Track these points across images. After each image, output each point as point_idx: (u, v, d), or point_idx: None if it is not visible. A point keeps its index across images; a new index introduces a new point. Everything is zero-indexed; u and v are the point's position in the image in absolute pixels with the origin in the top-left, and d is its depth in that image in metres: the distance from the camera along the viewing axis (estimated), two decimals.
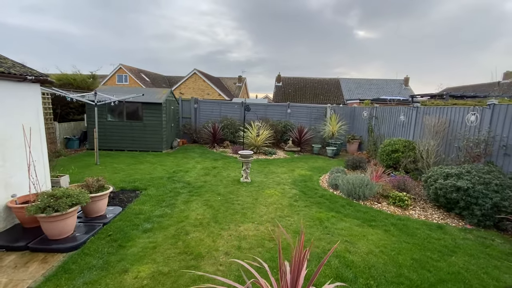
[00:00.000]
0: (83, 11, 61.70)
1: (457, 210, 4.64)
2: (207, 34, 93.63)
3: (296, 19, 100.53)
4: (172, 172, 7.16)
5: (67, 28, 56.30)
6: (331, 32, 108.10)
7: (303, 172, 7.67)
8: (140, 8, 74.16)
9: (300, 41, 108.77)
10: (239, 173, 7.24)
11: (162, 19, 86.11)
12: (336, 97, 29.65)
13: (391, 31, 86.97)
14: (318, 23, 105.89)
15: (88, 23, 62.09)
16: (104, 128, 9.96)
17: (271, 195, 5.65)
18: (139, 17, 74.54)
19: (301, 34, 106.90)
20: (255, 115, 12.37)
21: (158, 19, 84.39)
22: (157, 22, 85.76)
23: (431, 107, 7.27)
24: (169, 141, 10.87)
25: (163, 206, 4.86)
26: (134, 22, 75.73)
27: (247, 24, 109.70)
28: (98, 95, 7.81)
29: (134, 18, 73.25)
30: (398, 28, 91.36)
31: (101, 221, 4.15)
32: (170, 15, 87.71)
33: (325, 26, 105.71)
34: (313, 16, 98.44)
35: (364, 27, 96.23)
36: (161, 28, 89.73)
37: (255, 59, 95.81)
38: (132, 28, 79.38)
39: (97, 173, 6.82)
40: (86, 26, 62.06)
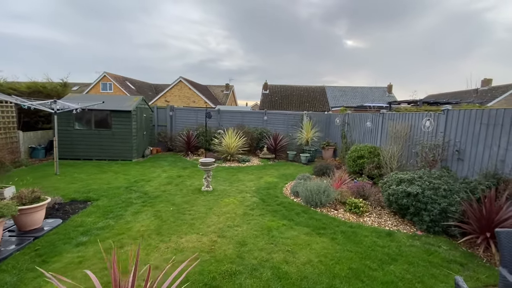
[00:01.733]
0: (70, 19, 61.12)
1: (409, 216, 4.59)
2: (199, 43, 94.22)
3: (286, 28, 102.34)
4: (133, 182, 6.93)
5: (55, 36, 55.57)
6: (320, 41, 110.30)
7: (270, 180, 7.55)
8: (130, 17, 74.09)
9: (290, 50, 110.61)
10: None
11: (152, 28, 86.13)
12: (322, 105, 29.99)
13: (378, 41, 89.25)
14: (308, 32, 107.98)
15: (76, 32, 61.45)
16: (70, 136, 9.66)
17: (228, 204, 5.50)
18: (128, 25, 74.43)
19: (291, 43, 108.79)
20: (231, 122, 12.28)
21: (148, 28, 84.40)
22: (148, 31, 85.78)
23: (396, 113, 7.33)
24: (140, 149, 10.62)
25: (108, 218, 4.64)
26: (124, 31, 75.57)
27: (238, 33, 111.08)
28: (58, 103, 7.57)
29: (124, 26, 73.05)
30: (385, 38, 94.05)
31: (33, 234, 3.90)
32: (161, 24, 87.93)
33: (314, 35, 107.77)
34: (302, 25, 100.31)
35: (352, 36, 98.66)
36: (151, 37, 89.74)
37: (247, 67, 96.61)
38: (122, 37, 79.21)
39: (52, 184, 6.54)
40: (74, 35, 61.43)
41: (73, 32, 62.99)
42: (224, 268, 3.19)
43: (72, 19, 62.37)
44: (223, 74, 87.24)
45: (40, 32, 54.12)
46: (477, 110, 4.69)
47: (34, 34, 52.56)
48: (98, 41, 69.95)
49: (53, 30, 58.65)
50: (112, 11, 68.01)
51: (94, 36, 69.01)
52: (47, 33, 56.41)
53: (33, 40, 49.62)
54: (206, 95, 32.32)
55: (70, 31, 62.68)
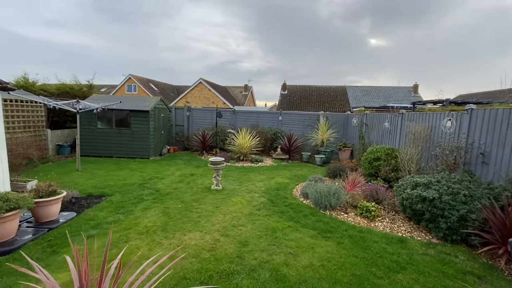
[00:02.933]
0: (99, 25, 65.28)
1: (424, 222, 4.29)
2: (219, 45, 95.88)
3: (306, 29, 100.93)
4: (147, 179, 7.15)
5: (85, 41, 59.62)
6: (342, 40, 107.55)
7: (281, 180, 7.45)
8: (154, 22, 77.31)
9: (310, 50, 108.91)
10: None
11: (175, 31, 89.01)
12: (342, 105, 29.20)
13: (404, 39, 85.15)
14: (328, 31, 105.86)
15: (105, 37, 65.49)
16: (93, 135, 10.20)
17: (236, 203, 5.48)
18: (153, 30, 77.59)
19: (311, 44, 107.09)
20: (246, 122, 12.31)
21: (171, 31, 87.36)
22: (171, 34, 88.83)
23: (415, 114, 6.92)
24: (158, 148, 10.96)
25: (119, 213, 4.81)
26: (148, 35, 78.94)
27: (257, 34, 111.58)
28: (81, 103, 8.02)
29: (148, 31, 76.35)
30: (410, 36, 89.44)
31: (48, 226, 4.14)
32: (183, 27, 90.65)
33: (335, 34, 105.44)
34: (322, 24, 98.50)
35: (375, 35, 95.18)
36: (174, 40, 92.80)
37: (266, 68, 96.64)
38: (147, 40, 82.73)
39: (73, 179, 6.92)
40: (102, 39, 65.44)
41: (101, 37, 67.06)
42: (222, 267, 3.17)
43: (100, 25, 66.52)
44: (242, 75, 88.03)
45: (71, 37, 58.31)
46: (504, 110, 4.28)
47: (65, 39, 56.76)
48: (124, 45, 73.81)
49: (83, 35, 62.86)
50: (137, 16, 71.46)
51: (121, 41, 72.87)
52: (77, 38, 60.59)
53: (65, 45, 53.63)
54: (225, 96, 32.76)
55: (99, 36, 66.78)
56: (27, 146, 8.24)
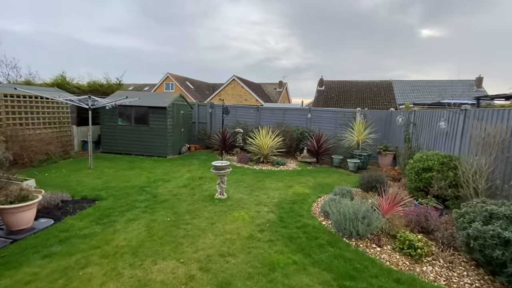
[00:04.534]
0: (148, 29, 69.93)
1: (505, 277, 2.77)
2: (257, 43, 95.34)
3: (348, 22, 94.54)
4: (151, 181, 6.55)
5: (136, 44, 64.65)
6: (387, 33, 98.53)
7: (300, 190, 6.22)
8: (195, 23, 80.00)
9: (352, 45, 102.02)
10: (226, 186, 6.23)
11: (216, 31, 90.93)
12: (387, 102, 26.18)
13: (461, 28, 74.00)
14: (372, 24, 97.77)
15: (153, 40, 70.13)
16: (114, 132, 10.11)
17: (236, 219, 4.48)
18: (195, 31, 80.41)
19: (353, 38, 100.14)
20: (271, 120, 11.21)
21: (212, 31, 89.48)
22: (212, 34, 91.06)
23: (486, 110, 5.09)
24: (177, 146, 10.49)
25: (100, 223, 4.17)
26: (191, 36, 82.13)
27: (297, 30, 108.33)
28: (92, 99, 7.78)
29: (191, 32, 79.39)
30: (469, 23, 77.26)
31: (15, 236, 3.63)
32: (223, 27, 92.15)
33: (380, 27, 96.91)
34: (366, 17, 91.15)
35: (427, 24, 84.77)
36: (215, 40, 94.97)
37: (304, 65, 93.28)
38: (189, 41, 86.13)
39: (79, 178, 6.64)
40: (151, 42, 70.08)
41: (150, 40, 71.63)
42: None
43: (148, 29, 71.00)
44: (280, 73, 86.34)
45: (125, 42, 63.47)
46: None
47: (120, 43, 62.00)
48: (169, 47, 77.82)
49: (135, 39, 67.90)
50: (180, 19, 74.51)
51: (166, 42, 76.97)
52: (130, 42, 65.67)
53: (120, 49, 58.62)
54: (258, 93, 31.96)
55: (147, 39, 71.47)
56: (47, 143, 8.33)
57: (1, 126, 7.47)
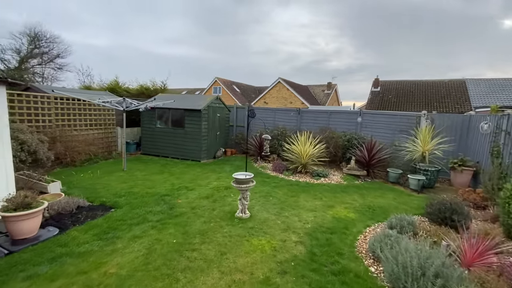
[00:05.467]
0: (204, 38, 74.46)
1: None
2: (306, 45, 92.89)
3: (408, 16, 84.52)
4: (175, 189, 6.08)
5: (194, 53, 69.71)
6: (456, 26, 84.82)
7: (343, 214, 4.96)
8: (247, 30, 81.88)
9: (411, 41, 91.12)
10: (252, 200, 5.37)
11: (265, 36, 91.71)
12: (459, 104, 22.12)
13: None
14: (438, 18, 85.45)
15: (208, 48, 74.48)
16: (153, 134, 10.18)
17: (254, 250, 3.56)
18: (246, 37, 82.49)
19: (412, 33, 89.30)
20: (314, 124, 9.97)
21: (262, 36, 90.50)
22: (262, 39, 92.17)
23: None
24: (212, 150, 10.07)
25: (102, 239, 3.71)
26: (242, 42, 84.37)
27: (349, 30, 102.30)
28: (126, 101, 7.77)
29: (242, 38, 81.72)
30: None
31: (13, 247, 3.37)
32: (273, 32, 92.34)
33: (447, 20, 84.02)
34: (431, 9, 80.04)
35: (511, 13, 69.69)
36: (264, 44, 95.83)
37: (356, 65, 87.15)
38: (240, 47, 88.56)
39: (107, 181, 6.56)
40: (206, 50, 74.58)
41: (205, 48, 76.07)
42: None
43: (204, 38, 75.47)
44: (329, 75, 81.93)
45: (184, 51, 68.93)
46: None
47: (180, 52, 67.62)
48: (222, 54, 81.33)
49: (193, 48, 73.11)
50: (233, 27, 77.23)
51: (219, 50, 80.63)
52: (187, 51, 71.04)
53: (180, 58, 63.96)
54: (304, 95, 30.52)
55: (203, 48, 76.05)
56: (89, 143, 8.67)
57: (50, 127, 7.99)
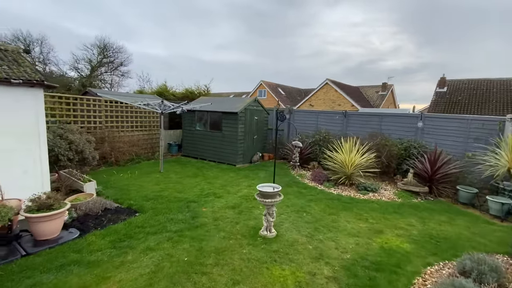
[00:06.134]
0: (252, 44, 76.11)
1: None
2: (359, 45, 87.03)
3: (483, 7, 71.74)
4: (203, 195, 5.78)
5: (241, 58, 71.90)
6: None
7: (395, 243, 3.94)
8: (294, 33, 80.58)
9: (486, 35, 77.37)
10: (283, 215, 4.73)
11: (313, 38, 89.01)
12: None
13: None
14: None
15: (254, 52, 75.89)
16: (193, 136, 10.26)
17: (273, 283, 2.91)
18: (293, 40, 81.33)
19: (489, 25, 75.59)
20: (363, 129, 8.77)
21: (309, 38, 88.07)
22: (309, 41, 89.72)
23: None
24: (248, 154, 9.66)
25: (116, 247, 3.53)
26: (289, 46, 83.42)
27: (409, 26, 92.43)
28: (164, 103, 7.84)
29: (289, 42, 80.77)
30: None
31: (32, 248, 3.37)
32: (321, 33, 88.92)
33: None
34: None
35: None
36: (312, 46, 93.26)
37: (417, 64, 77.83)
38: (288, 51, 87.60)
39: (141, 182, 6.63)
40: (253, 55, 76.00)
41: (252, 53, 77.57)
42: None
43: (251, 43, 77.00)
44: (384, 75, 74.78)
45: (232, 57, 71.52)
46: None
47: (228, 58, 70.44)
48: (268, 58, 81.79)
49: (240, 54, 75.43)
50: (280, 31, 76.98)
51: (266, 54, 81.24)
52: (236, 56, 73.48)
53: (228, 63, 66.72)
54: (354, 97, 28.31)
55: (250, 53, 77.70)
56: (132, 144, 9.07)
57: (100, 128, 8.58)
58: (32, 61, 24.08)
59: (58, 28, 32.64)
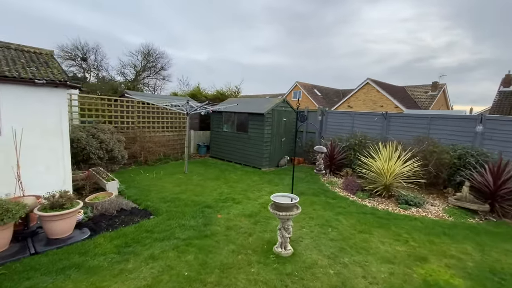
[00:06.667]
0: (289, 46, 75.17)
1: None
2: (406, 42, 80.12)
3: None
4: (222, 199, 5.49)
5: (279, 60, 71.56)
6: None
7: (443, 277, 3.11)
8: (333, 32, 77.01)
9: None
10: (304, 228, 4.19)
11: (353, 37, 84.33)
12: None
13: None
14: None
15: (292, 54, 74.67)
16: (220, 138, 10.14)
17: None
18: (331, 40, 77.99)
19: None
20: (407, 133, 7.68)
21: (349, 37, 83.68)
22: (348, 40, 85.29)
23: None
24: (275, 158, 9.18)
25: (120, 252, 3.38)
26: (326, 46, 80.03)
27: (465, 19, 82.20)
28: (189, 104, 7.77)
29: (327, 42, 77.65)
30: None
31: (42, 247, 3.37)
32: (362, 32, 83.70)
33: None
34: None
35: None
36: (352, 45, 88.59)
37: (474, 61, 68.51)
38: (324, 51, 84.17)
39: (163, 183, 6.60)
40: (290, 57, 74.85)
41: (290, 55, 76.50)
42: None
43: (290, 46, 76.04)
44: (435, 74, 67.33)
45: (270, 59, 71.68)
46: None
47: (266, 60, 70.75)
48: (305, 59, 79.79)
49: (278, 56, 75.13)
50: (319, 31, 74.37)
51: (303, 55, 79.41)
52: (275, 59, 73.43)
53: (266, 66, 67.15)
54: (399, 98, 25.92)
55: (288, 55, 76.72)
56: (161, 145, 9.24)
57: (133, 128, 8.89)
58: (87, 66, 26.85)
59: (111, 37, 36.12)
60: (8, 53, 4.50)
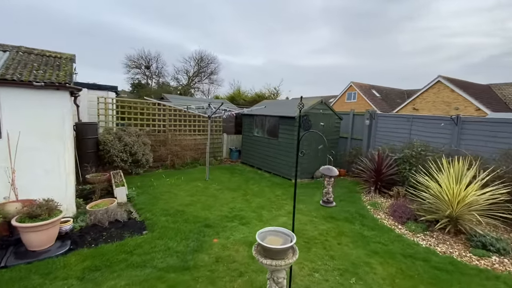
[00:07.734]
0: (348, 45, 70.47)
1: None
2: (491, 34, 66.47)
3: None
4: (230, 217, 4.71)
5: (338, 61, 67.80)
6: None
7: None
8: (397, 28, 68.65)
9: None
10: (316, 273, 3.12)
11: (423, 32, 73.83)
12: None
13: None
14: None
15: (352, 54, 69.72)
16: (250, 143, 9.43)
17: None
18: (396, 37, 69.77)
19: None
20: (488, 144, 5.65)
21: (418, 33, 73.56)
22: (418, 36, 75.18)
23: None
24: (309, 168, 7.96)
25: (83, 279, 2.90)
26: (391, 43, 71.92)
27: None
28: (211, 107, 7.23)
29: (391, 39, 69.73)
30: None
31: (13, 261, 3.13)
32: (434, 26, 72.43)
33: None
34: None
35: None
36: (422, 42, 77.91)
37: None
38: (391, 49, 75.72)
39: (178, 191, 6.19)
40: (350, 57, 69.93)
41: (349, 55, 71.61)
42: None
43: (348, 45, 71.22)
44: None
45: (328, 60, 68.58)
46: None
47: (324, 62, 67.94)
48: (367, 58, 73.44)
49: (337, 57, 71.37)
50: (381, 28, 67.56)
51: (364, 55, 73.24)
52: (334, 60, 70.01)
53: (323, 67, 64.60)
54: (482, 98, 21.21)
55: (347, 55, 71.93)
56: (190, 149, 8.98)
57: (164, 131, 8.87)
58: (150, 74, 29.59)
59: (172, 45, 39.49)
60: (26, 57, 4.62)
